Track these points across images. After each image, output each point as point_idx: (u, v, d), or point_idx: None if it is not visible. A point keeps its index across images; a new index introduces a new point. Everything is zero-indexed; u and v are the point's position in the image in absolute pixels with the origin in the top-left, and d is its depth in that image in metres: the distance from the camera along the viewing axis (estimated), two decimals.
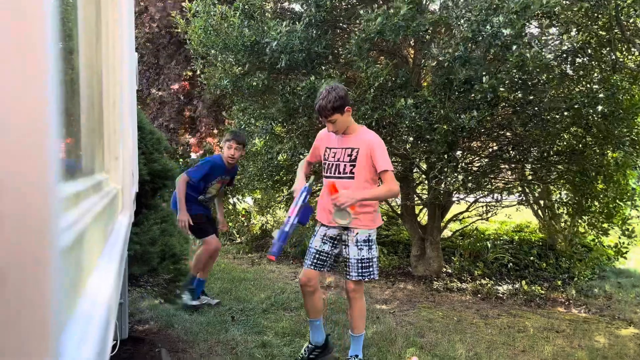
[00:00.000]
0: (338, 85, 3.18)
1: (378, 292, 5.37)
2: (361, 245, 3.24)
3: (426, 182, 6.26)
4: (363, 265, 3.24)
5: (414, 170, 6.37)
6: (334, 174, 3.25)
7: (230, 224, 8.16)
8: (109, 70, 1.23)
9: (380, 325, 4.29)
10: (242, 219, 8.40)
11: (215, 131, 9.30)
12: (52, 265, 0.34)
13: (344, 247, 3.31)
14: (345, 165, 3.21)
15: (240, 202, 8.91)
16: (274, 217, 8.54)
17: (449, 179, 5.27)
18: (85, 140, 0.91)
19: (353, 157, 3.20)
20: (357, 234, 3.24)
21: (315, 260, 3.34)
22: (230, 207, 8.65)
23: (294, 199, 3.17)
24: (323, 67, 5.37)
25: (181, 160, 8.49)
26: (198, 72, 6.28)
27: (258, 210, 8.60)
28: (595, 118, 4.77)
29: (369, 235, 3.26)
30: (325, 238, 3.33)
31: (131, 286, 3.67)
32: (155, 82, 9.18)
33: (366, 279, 3.28)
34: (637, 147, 5.13)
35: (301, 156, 5.72)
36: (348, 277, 3.29)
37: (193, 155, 9.03)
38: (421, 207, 6.69)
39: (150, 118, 8.74)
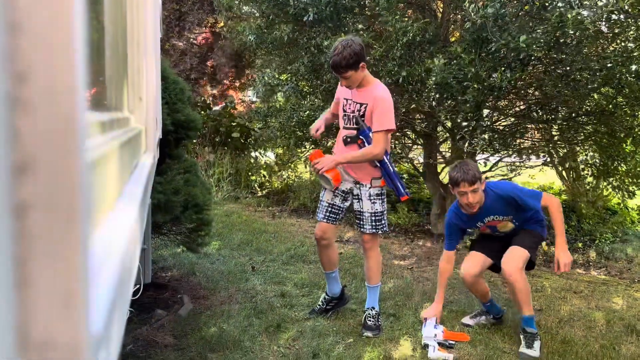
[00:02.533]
0: (354, 39, 3.10)
1: (397, 248, 5.40)
2: (374, 199, 3.29)
3: (449, 140, 6.18)
4: (377, 218, 3.29)
5: (438, 129, 6.29)
6: (348, 124, 3.28)
7: (253, 177, 8.23)
8: (133, 7, 1.23)
9: (398, 280, 4.33)
10: (265, 173, 8.46)
11: (237, 84, 9.26)
12: (80, 155, 0.35)
13: (356, 200, 3.33)
14: (356, 119, 3.21)
15: (262, 157, 8.95)
16: (295, 172, 8.58)
17: (475, 139, 5.19)
18: (109, 74, 0.91)
19: (362, 113, 3.20)
20: (370, 187, 3.28)
21: (327, 214, 3.37)
22: (252, 160, 8.70)
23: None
24: (350, 21, 5.25)
25: (202, 112, 8.49)
26: (222, 24, 6.21)
27: (280, 165, 8.64)
28: (629, 78, 4.61)
29: (382, 189, 3.32)
30: (337, 191, 3.35)
31: (154, 234, 3.75)
32: (176, 29, 9.07)
33: (379, 232, 3.34)
34: None
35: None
36: (362, 230, 3.33)
37: (215, 108, 9.02)
38: (444, 165, 6.63)
39: (172, 67, 8.70)
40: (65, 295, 0.35)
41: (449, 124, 5.81)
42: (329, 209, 3.36)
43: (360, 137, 3.19)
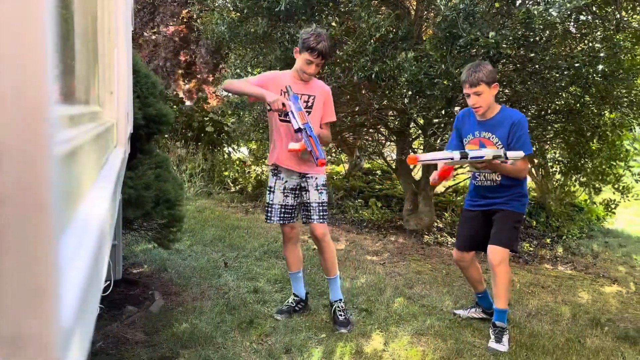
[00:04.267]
0: (322, 31, 3.25)
1: (369, 244, 5.44)
2: (321, 189, 3.35)
3: (422, 137, 6.25)
4: (323, 208, 3.34)
5: (411, 126, 6.35)
6: (284, 117, 3.33)
7: (226, 173, 8.18)
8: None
9: (370, 276, 4.37)
10: (238, 168, 8.42)
11: (211, 79, 9.17)
12: (49, 149, 0.34)
13: (304, 192, 3.36)
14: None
15: (236, 152, 8.90)
16: (270, 152, 8.55)
17: (446, 135, 5.26)
18: (79, 67, 0.90)
19: (310, 104, 3.29)
20: (317, 179, 3.34)
21: (282, 215, 3.39)
22: (225, 156, 8.65)
23: (286, 109, 3.16)
24: (323, 15, 5.26)
25: (175, 107, 8.39)
26: (194, 16, 6.14)
27: (253, 161, 8.61)
28: (595, 77, 4.73)
29: (325, 180, 3.40)
30: (286, 191, 3.38)
31: (125, 230, 3.70)
32: (149, 22, 8.93)
33: (325, 222, 3.37)
34: (635, 108, 5.12)
35: None
36: (311, 220, 3.34)
37: (188, 102, 8.93)
38: None
39: (144, 61, 8.57)
40: (35, 290, 0.35)
41: (421, 120, 5.87)
42: (282, 210, 3.38)
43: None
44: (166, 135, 7.96)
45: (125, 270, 4.06)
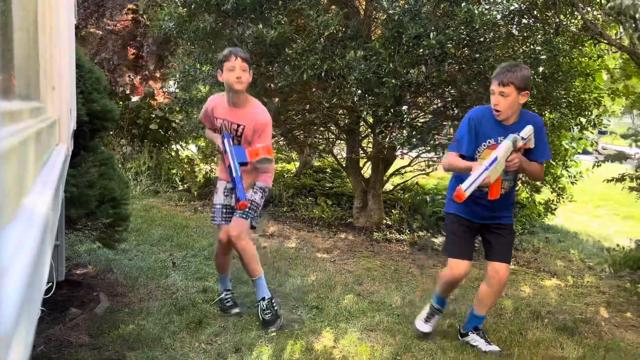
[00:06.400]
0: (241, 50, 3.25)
1: (320, 242, 5.47)
2: (256, 189, 3.32)
3: (372, 135, 6.32)
4: (252, 207, 3.27)
5: (360, 124, 6.42)
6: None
7: (173, 171, 8.02)
8: None
9: (321, 273, 4.39)
10: (186, 166, 8.27)
11: (158, 74, 8.97)
12: None
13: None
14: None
15: (184, 150, 8.75)
16: (217, 165, 8.45)
17: (394, 133, 5.34)
18: (18, 62, 0.86)
19: (239, 133, 3.26)
20: (255, 183, 3.34)
21: (224, 216, 3.36)
22: (173, 153, 8.49)
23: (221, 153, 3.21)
24: (272, 13, 5.23)
25: (120, 103, 8.16)
26: (142, 10, 6.00)
27: (202, 159, 8.48)
28: (536, 79, 4.91)
29: (265, 185, 3.36)
30: (226, 191, 3.36)
31: (68, 229, 3.58)
32: (95, 15, 8.62)
33: (248, 220, 3.28)
34: (573, 109, 5.35)
35: None
36: (235, 215, 3.27)
37: (134, 98, 8.71)
38: (365, 160, 6.78)
39: (89, 55, 8.28)
40: None
41: (370, 119, 5.94)
42: (223, 210, 3.35)
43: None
44: (111, 132, 7.73)
45: (69, 271, 3.93)
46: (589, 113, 5.58)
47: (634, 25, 4.41)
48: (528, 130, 2.85)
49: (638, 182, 4.60)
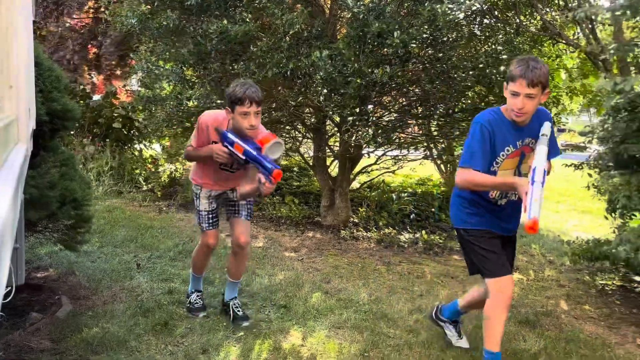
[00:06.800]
0: (246, 80, 3.09)
1: (287, 241, 5.46)
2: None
3: (338, 134, 6.35)
4: (250, 206, 3.38)
5: (327, 123, 6.43)
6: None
7: (137, 171, 7.89)
8: None
9: (288, 272, 4.39)
10: (150, 166, 8.15)
11: (119, 72, 8.79)
12: None
13: (230, 191, 3.32)
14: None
15: (148, 149, 8.61)
16: (183, 164, 8.35)
17: (360, 132, 5.38)
18: None
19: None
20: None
21: (211, 221, 3.34)
22: (136, 153, 8.34)
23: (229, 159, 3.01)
24: (237, 11, 5.20)
25: (82, 102, 7.98)
26: (102, 8, 5.88)
27: (166, 158, 8.37)
28: (498, 77, 5.02)
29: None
30: (210, 198, 3.33)
31: (28, 232, 3.48)
32: (54, 13, 8.39)
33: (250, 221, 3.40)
34: None
35: (213, 104, 5.58)
36: (238, 216, 3.32)
37: (95, 97, 8.52)
38: (332, 159, 6.80)
39: (49, 53, 8.07)
40: None
41: (336, 118, 5.96)
42: (209, 216, 3.33)
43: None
44: (72, 132, 7.56)
45: (29, 275, 3.83)
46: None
47: (590, 26, 4.56)
48: (548, 128, 2.58)
49: (596, 179, 4.73)
